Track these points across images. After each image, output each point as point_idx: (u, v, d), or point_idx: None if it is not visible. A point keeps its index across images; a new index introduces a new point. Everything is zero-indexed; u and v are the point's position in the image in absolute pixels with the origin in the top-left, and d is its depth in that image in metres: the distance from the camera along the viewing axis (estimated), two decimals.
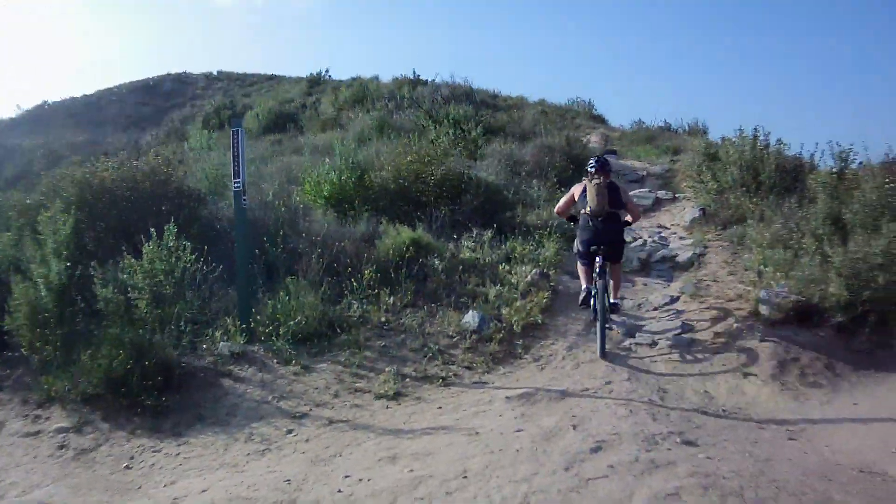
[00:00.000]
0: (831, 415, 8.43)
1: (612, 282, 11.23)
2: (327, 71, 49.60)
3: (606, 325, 10.84)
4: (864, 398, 8.80)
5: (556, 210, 12.32)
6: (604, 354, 10.46)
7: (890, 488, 6.48)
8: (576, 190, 11.59)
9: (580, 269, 11.48)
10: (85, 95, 60.59)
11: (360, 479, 7.00)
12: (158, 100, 58.26)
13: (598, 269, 10.75)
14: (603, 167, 11.37)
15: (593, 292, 10.93)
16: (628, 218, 11.64)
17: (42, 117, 54.79)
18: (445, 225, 15.22)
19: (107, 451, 8.61)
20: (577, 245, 11.55)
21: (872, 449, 7.35)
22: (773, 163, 15.83)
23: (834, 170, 14.22)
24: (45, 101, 59.20)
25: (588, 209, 11.03)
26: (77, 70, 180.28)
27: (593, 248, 10.89)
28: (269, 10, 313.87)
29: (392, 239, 13.31)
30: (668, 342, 10.93)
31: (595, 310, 10.85)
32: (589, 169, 11.42)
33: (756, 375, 9.51)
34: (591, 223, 11.00)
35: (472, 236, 14.64)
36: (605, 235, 10.87)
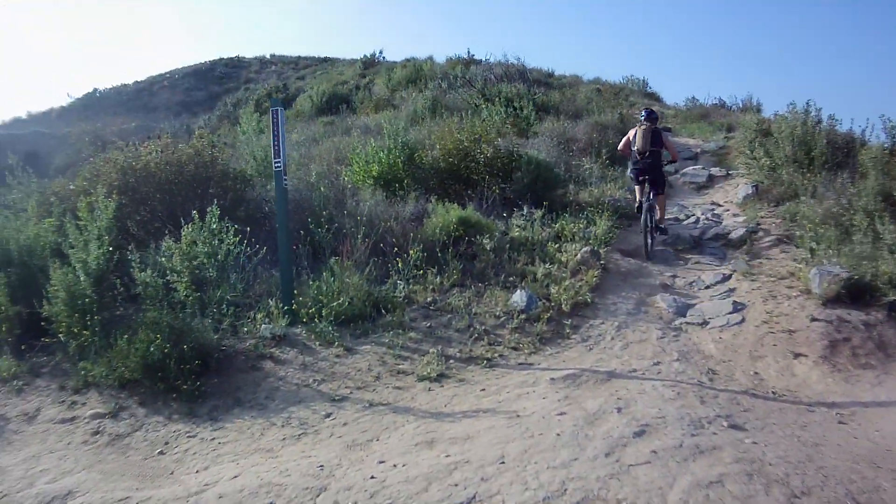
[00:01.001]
0: (883, 397, 8.20)
1: (657, 207, 14.36)
2: (381, 52, 50.00)
3: (651, 237, 14.12)
4: None
5: (619, 148, 15.48)
6: (648, 258, 13.89)
7: None
8: (630, 133, 14.94)
9: (636, 188, 14.91)
10: (136, 82, 61.69)
11: (395, 465, 6.86)
12: (211, 84, 58.78)
13: (645, 194, 14.35)
14: (650, 116, 14.64)
15: (645, 206, 14.11)
16: (670, 158, 15.09)
17: (93, 105, 55.60)
18: (496, 203, 15.20)
19: (142, 436, 8.48)
20: (629, 173, 15.03)
21: None
22: (825, 138, 15.62)
23: (886, 146, 13.97)
24: (96, 89, 60.12)
25: (636, 147, 14.36)
26: (129, 57, 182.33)
27: (641, 177, 14.47)
28: None
29: (440, 218, 13.20)
30: (720, 321, 10.79)
31: (644, 223, 14.07)
32: (639, 117, 14.91)
33: (807, 356, 9.30)
34: (639, 158, 14.38)
35: (522, 214, 14.53)
36: (649, 168, 14.29)
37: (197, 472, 7.50)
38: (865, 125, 15.97)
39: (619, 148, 15.55)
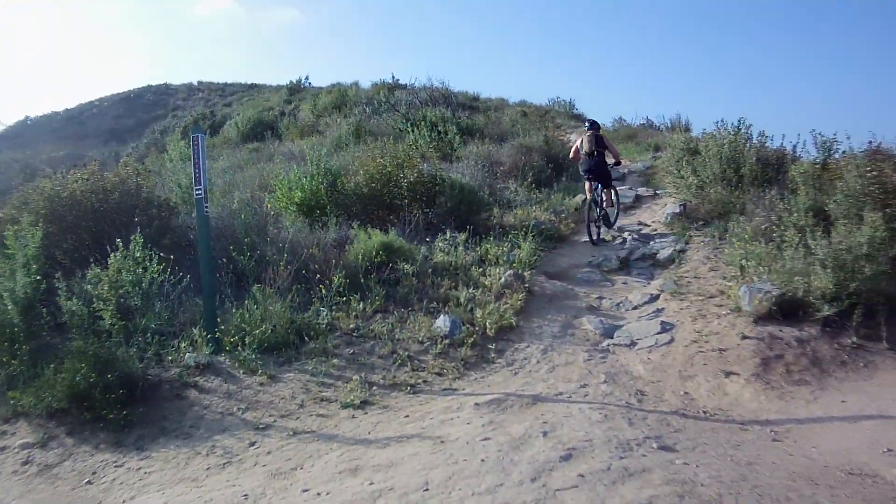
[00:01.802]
0: (818, 413, 8.13)
1: (605, 199, 17.09)
2: (307, 78, 50.65)
3: (597, 226, 16.49)
4: (853, 395, 8.49)
5: (570, 156, 18.79)
6: (594, 243, 16.17)
7: (882, 491, 6.19)
8: (577, 141, 17.99)
9: (586, 186, 17.47)
10: (67, 110, 61.80)
11: (319, 494, 6.73)
12: (140, 112, 59.08)
13: (593, 191, 16.94)
14: (593, 125, 17.91)
15: (589, 199, 16.73)
16: (610, 160, 17.50)
17: (24, 133, 55.67)
18: (419, 228, 15.07)
19: (70, 466, 8.29)
20: (580, 172, 17.59)
21: (862, 449, 7.06)
22: (754, 155, 15.73)
23: (817, 160, 14.08)
24: (28, 117, 59.92)
25: (584, 150, 17.18)
26: (60, 84, 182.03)
27: (589, 175, 17.08)
28: (251, 21, 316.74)
29: (363, 244, 13.04)
30: (648, 342, 10.68)
31: (588, 216, 16.42)
32: (585, 126, 18.49)
33: (738, 374, 9.20)
34: (586, 159, 17.13)
35: (445, 239, 14.44)
36: (594, 166, 16.96)
37: (124, 501, 7.40)
38: (797, 141, 16.04)
39: (570, 156, 18.80)
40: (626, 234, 16.64)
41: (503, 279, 12.54)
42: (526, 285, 12.57)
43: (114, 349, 9.56)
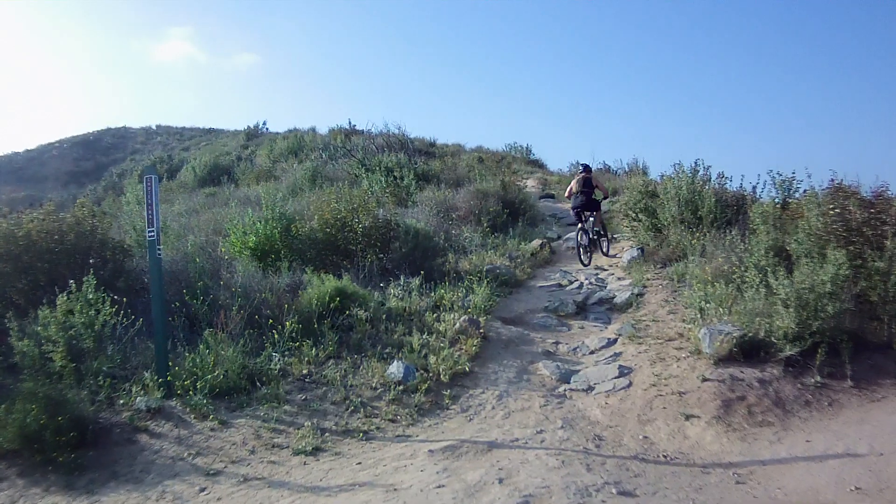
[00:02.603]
0: (783, 454, 8.03)
1: (596, 223, 18.78)
2: (265, 123, 51.19)
3: (588, 251, 18.16)
4: (818, 434, 8.40)
5: (566, 195, 19.92)
6: (585, 265, 17.89)
7: None
8: (572, 183, 19.43)
9: (576, 219, 19.03)
10: (27, 150, 61.69)
11: None
12: (98, 154, 59.33)
13: (584, 221, 18.51)
14: (586, 168, 19.52)
15: (580, 228, 18.31)
16: (599, 196, 19.36)
17: None
18: (373, 273, 15.05)
19: None
20: (572, 209, 19.20)
21: (829, 487, 7.00)
22: (713, 197, 15.79)
23: (777, 200, 14.12)
24: None
25: (576, 190, 18.84)
26: (20, 124, 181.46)
27: (578, 209, 18.67)
28: (211, 65, 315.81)
29: (316, 289, 12.92)
30: (606, 386, 10.59)
31: (581, 247, 18.00)
32: (579, 167, 20.32)
33: (699, 417, 9.10)
34: (576, 196, 18.79)
35: (399, 284, 14.40)
36: (584, 202, 18.63)
37: None
38: (756, 181, 16.15)
39: (566, 194, 20.00)
40: (582, 279, 16.60)
41: (458, 325, 12.44)
42: (481, 331, 12.46)
43: (65, 391, 9.44)
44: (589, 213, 18.74)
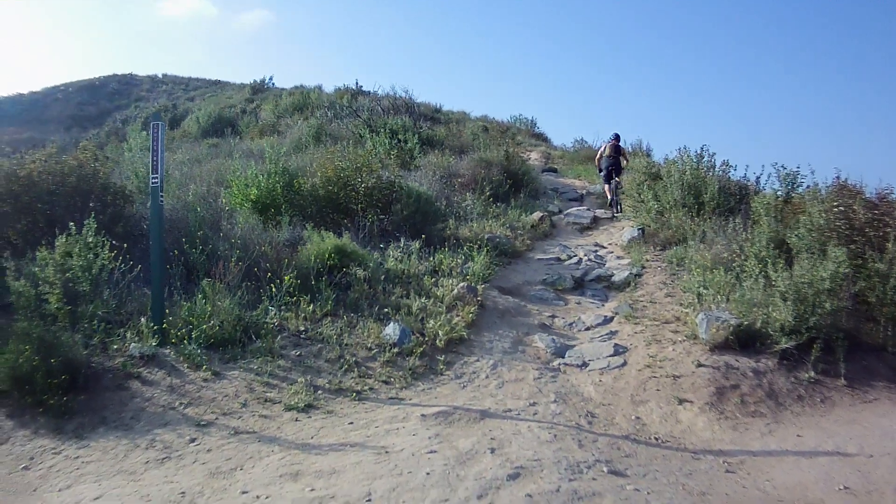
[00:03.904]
0: (773, 447, 8.01)
1: (620, 184, 21.36)
2: (271, 79, 50.75)
3: (615, 199, 21.13)
4: (810, 430, 8.39)
5: (595, 159, 23.06)
6: (614, 215, 20.75)
7: None
8: (601, 149, 22.65)
9: (603, 182, 22.28)
10: (31, 93, 61.07)
11: (258, 496, 6.58)
12: (103, 100, 58.88)
13: (611, 182, 21.45)
14: (616, 137, 22.27)
15: (612, 185, 21.37)
16: (623, 163, 22.39)
17: None
18: (373, 234, 15.01)
19: (7, 449, 8.06)
20: (601, 170, 22.31)
21: (818, 485, 6.97)
22: (716, 184, 15.80)
23: (779, 193, 14.09)
24: None
25: (606, 154, 21.95)
26: (26, 66, 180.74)
27: (607, 171, 21.76)
28: (222, 20, 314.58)
29: (316, 246, 12.91)
30: (600, 364, 10.57)
31: (610, 198, 21.44)
32: (610, 136, 22.49)
33: (692, 402, 9.08)
34: (606, 160, 21.88)
35: (399, 247, 14.35)
36: (612, 164, 21.73)
37: (60, 490, 7.18)
38: (760, 172, 16.09)
39: (595, 159, 23.07)
40: (581, 255, 16.55)
41: (456, 291, 12.44)
42: (478, 299, 12.45)
43: (59, 334, 9.34)
44: (616, 174, 21.70)
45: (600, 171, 22.51)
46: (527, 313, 12.76)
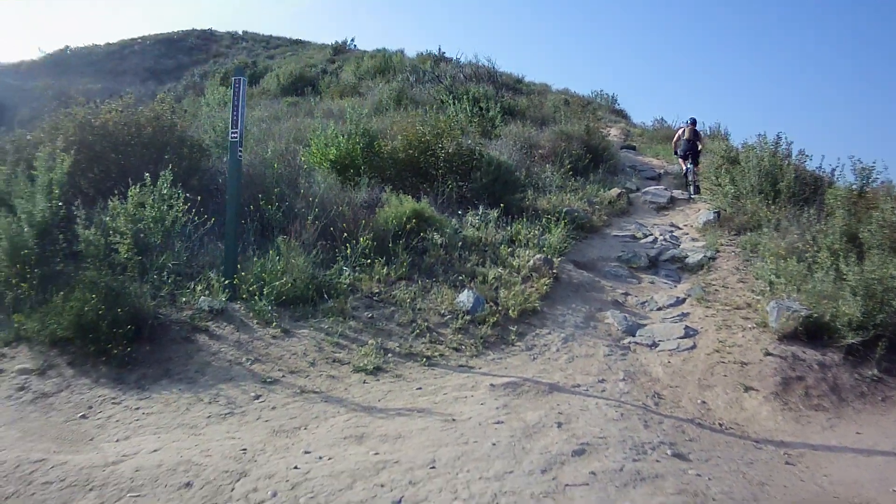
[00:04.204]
0: (833, 442, 7.98)
1: (695, 172, 21.48)
2: (353, 40, 50.69)
3: (691, 187, 21.13)
4: (869, 428, 8.35)
5: (673, 141, 23.65)
6: (690, 196, 20.70)
7: None
8: (679, 132, 23.32)
9: (681, 161, 22.61)
10: (108, 44, 61.75)
11: (321, 457, 6.61)
12: (181, 55, 58.96)
13: (688, 165, 21.76)
14: (693, 122, 22.97)
15: (688, 168, 21.73)
16: (700, 147, 22.39)
17: (63, 62, 55.67)
18: (452, 200, 15.07)
19: (66, 397, 8.12)
20: (678, 153, 22.73)
21: (872, 484, 6.91)
22: (793, 173, 15.62)
23: (854, 186, 13.98)
24: (68, 47, 60.28)
25: (686, 137, 22.35)
26: (103, 17, 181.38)
27: (685, 154, 22.08)
28: None
29: (394, 208, 12.94)
30: (670, 345, 10.57)
31: (687, 180, 21.55)
32: (687, 120, 23.14)
33: (757, 391, 9.05)
34: (685, 143, 22.24)
35: (477, 214, 14.38)
36: (690, 148, 22.04)
37: (117, 440, 7.20)
38: (836, 164, 15.96)
39: (673, 141, 23.67)
40: (657, 234, 16.53)
41: (532, 262, 12.45)
42: (554, 271, 12.47)
43: (127, 284, 9.46)
44: (693, 159, 21.91)
45: (676, 153, 23.07)
46: (600, 289, 12.79)
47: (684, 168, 22.21)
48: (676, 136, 23.30)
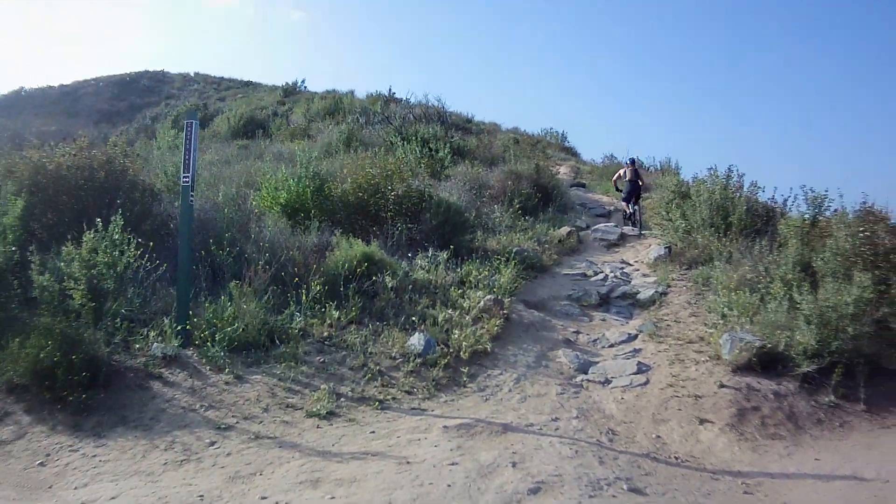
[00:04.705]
0: (791, 469, 8.02)
1: (638, 209, 22.03)
2: (303, 82, 50.89)
3: (634, 224, 21.67)
4: (828, 454, 8.40)
5: (613, 180, 24.43)
6: (635, 227, 21.45)
7: None
8: (620, 171, 23.65)
9: (624, 204, 22.64)
10: (62, 85, 61.55)
11: (278, 502, 6.63)
12: (134, 96, 59.13)
13: (631, 206, 22.09)
14: (633, 162, 23.07)
15: (631, 210, 22.11)
16: (643, 183, 23.17)
17: (17, 104, 55.74)
18: (402, 243, 14.98)
19: (24, 445, 8.09)
20: (623, 194, 22.79)
21: None
22: (745, 205, 15.69)
23: (807, 216, 14.04)
24: (23, 88, 59.86)
25: (627, 178, 22.44)
26: (58, 58, 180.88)
27: (630, 193, 22.18)
28: (258, 18, 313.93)
29: (344, 252, 12.89)
30: (623, 381, 10.57)
31: (634, 220, 21.79)
32: (627, 160, 23.53)
33: (713, 423, 9.09)
34: (629, 185, 22.27)
35: (427, 256, 14.33)
36: (634, 189, 22.21)
37: (76, 488, 7.22)
38: (788, 194, 16.00)
39: (613, 179, 24.49)
40: (607, 271, 16.52)
41: (482, 303, 12.41)
42: (504, 312, 12.41)
43: (81, 330, 9.36)
44: (637, 198, 22.41)
45: (617, 189, 23.96)
46: (552, 328, 12.75)
47: (629, 210, 22.46)
48: (617, 175, 24.00)
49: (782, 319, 10.38)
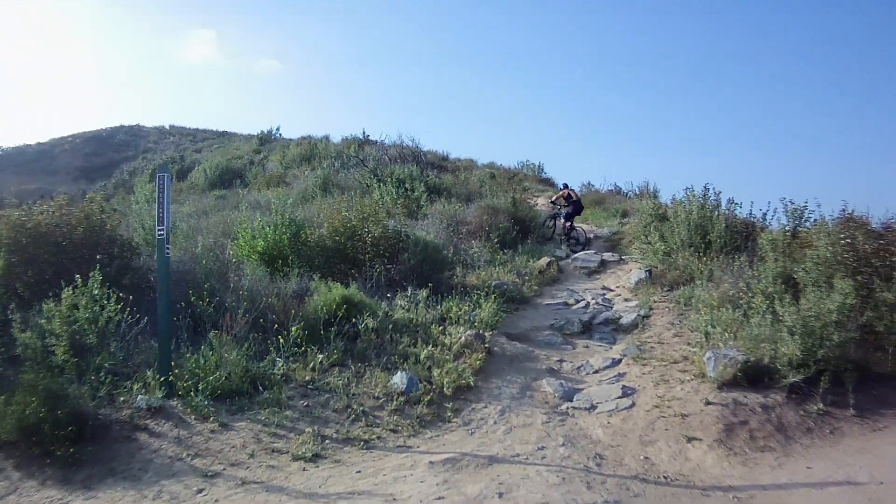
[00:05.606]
0: (783, 480, 8.00)
1: (574, 229, 24.04)
2: (278, 129, 51.27)
3: (568, 248, 22.87)
4: (819, 461, 8.38)
5: (552, 200, 26.21)
6: (570, 250, 22.70)
7: None
8: (562, 194, 25.07)
9: (559, 224, 24.61)
10: (39, 143, 61.90)
11: None
12: (111, 152, 59.54)
13: (566, 224, 23.98)
14: (566, 187, 25.19)
15: (567, 229, 23.78)
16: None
17: None
18: (381, 284, 15.01)
19: (16, 500, 8.07)
20: (562, 215, 24.44)
21: None
22: (723, 222, 15.78)
23: (787, 228, 14.09)
24: (0, 147, 59.89)
25: (574, 199, 24.37)
26: (34, 115, 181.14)
27: (570, 215, 23.82)
28: (231, 71, 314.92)
29: (323, 296, 12.91)
30: (608, 406, 10.57)
31: (561, 235, 23.85)
32: (562, 187, 25.65)
33: (701, 440, 9.06)
34: (570, 206, 24.01)
35: (406, 296, 14.36)
36: (576, 212, 24.21)
37: None
38: (767, 209, 16.05)
39: (551, 201, 26.49)
40: (589, 298, 16.59)
41: (463, 339, 12.42)
42: (486, 345, 12.45)
43: (66, 385, 9.37)
44: (571, 220, 24.35)
45: (554, 205, 26.01)
46: (535, 359, 12.77)
47: (563, 227, 24.53)
48: (558, 196, 25.66)
49: (766, 333, 10.36)
